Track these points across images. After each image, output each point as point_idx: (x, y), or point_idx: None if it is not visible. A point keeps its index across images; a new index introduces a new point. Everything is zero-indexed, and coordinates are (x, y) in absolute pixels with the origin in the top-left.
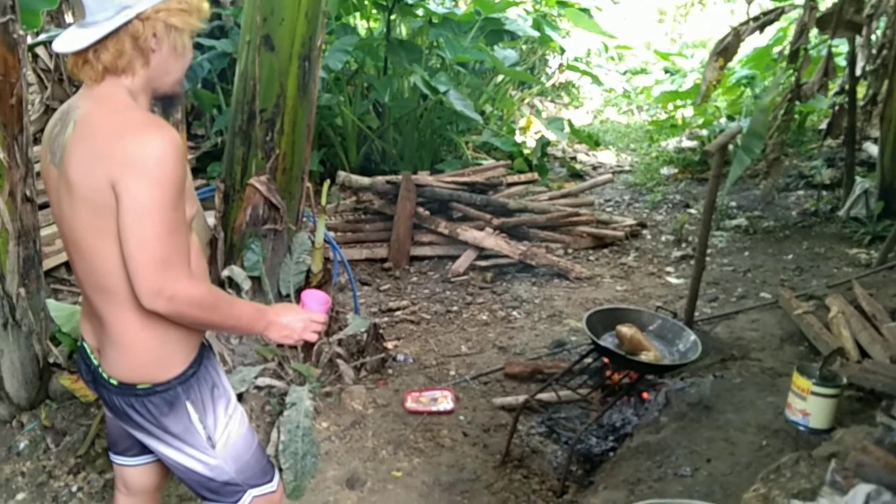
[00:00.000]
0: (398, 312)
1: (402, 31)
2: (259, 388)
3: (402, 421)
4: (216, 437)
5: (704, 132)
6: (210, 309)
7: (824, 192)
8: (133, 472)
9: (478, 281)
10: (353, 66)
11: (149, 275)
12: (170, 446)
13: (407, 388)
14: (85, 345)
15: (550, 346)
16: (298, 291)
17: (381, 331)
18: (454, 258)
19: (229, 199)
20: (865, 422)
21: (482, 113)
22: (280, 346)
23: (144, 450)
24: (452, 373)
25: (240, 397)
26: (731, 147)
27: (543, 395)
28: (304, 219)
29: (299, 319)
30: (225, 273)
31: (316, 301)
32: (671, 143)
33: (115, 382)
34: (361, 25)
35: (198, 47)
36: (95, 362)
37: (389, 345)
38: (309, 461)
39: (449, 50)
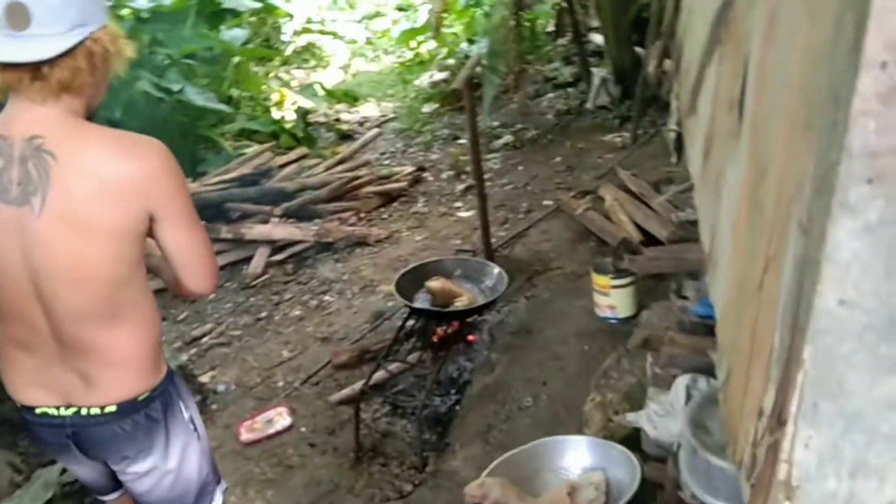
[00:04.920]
0: (205, 339)
1: None
2: (70, 483)
3: (242, 457)
4: (199, 428)
5: (452, 61)
6: None
7: (570, 90)
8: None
9: (279, 277)
10: None
11: (211, 264)
12: (169, 455)
13: (237, 420)
14: (46, 410)
15: (371, 319)
16: None
17: (191, 365)
18: (247, 260)
19: None
20: (662, 297)
21: (230, 99)
22: None
23: None
24: (281, 383)
25: None
26: (479, 70)
27: (378, 376)
28: None
29: None
30: None
31: None
32: (424, 80)
33: (112, 409)
34: None
35: None
36: (71, 412)
37: (205, 378)
38: None
39: (171, 44)
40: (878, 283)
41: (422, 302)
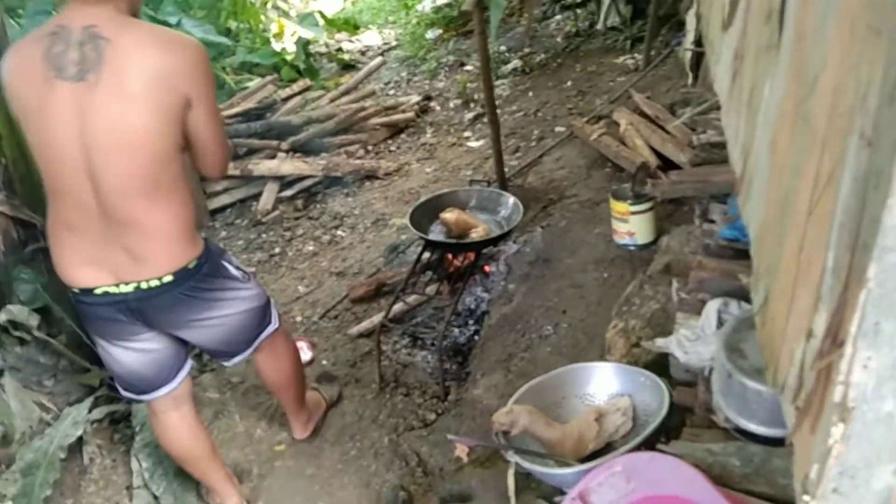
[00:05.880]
0: None
1: None
2: (99, 421)
3: (264, 391)
4: (246, 271)
5: None
6: None
7: (579, 11)
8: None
9: (290, 212)
10: None
11: (227, 152)
12: (227, 302)
13: None
14: (107, 290)
15: (385, 253)
16: None
17: None
18: (257, 197)
19: None
20: (682, 221)
21: (228, 31)
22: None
23: (179, 359)
24: (299, 318)
25: (79, 442)
26: None
27: (396, 308)
28: None
29: None
30: (2, 318)
31: None
32: (427, 5)
33: (170, 279)
34: None
35: None
36: (132, 288)
37: None
38: (184, 478)
39: None
40: None
41: (437, 234)
